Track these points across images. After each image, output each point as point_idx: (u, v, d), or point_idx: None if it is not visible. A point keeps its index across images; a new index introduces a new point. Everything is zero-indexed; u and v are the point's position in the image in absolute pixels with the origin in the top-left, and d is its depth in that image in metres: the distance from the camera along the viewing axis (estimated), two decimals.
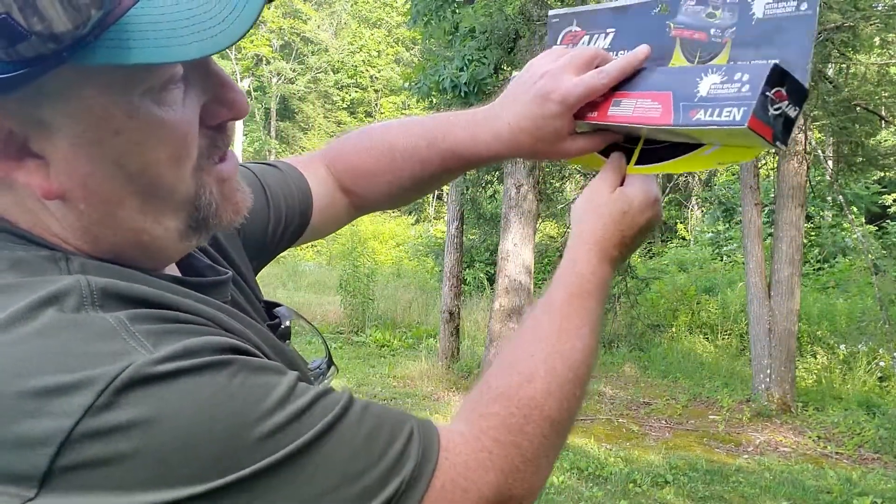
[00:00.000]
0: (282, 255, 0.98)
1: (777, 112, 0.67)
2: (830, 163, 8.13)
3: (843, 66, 7.04)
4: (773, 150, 0.78)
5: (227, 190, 0.59)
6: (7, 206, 0.54)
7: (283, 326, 0.75)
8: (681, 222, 15.56)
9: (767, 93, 0.66)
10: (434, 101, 7.28)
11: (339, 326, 9.87)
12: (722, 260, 12.70)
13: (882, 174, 11.06)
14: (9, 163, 0.51)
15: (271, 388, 0.50)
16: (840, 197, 7.47)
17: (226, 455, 0.46)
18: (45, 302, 0.47)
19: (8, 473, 0.44)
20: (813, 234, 12.12)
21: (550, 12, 0.91)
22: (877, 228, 12.43)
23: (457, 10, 6.94)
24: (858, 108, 6.45)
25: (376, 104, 27.28)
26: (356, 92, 27.55)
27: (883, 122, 7.09)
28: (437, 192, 17.24)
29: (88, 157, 0.51)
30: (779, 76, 0.66)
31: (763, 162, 8.27)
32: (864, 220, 12.56)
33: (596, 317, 0.71)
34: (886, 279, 8.61)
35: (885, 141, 11.95)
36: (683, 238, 15.23)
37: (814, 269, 11.34)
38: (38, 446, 0.43)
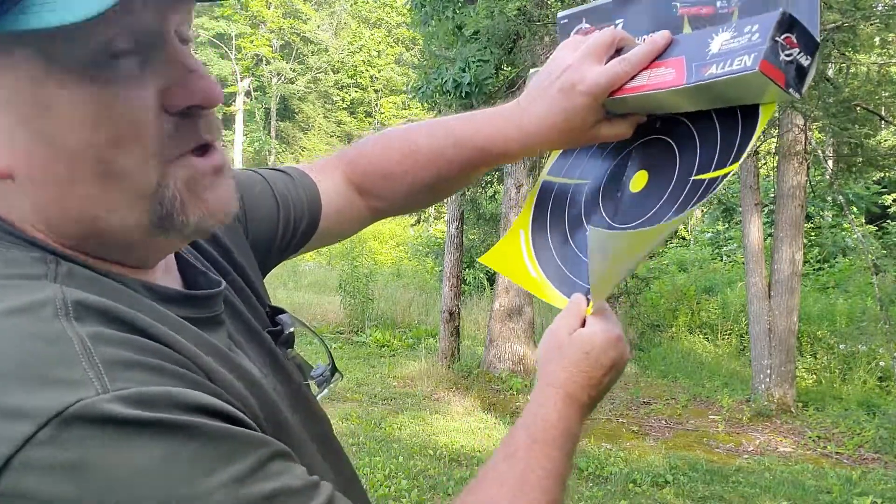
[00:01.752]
0: None
1: (788, 58, 0.67)
2: (830, 163, 8.12)
3: (844, 66, 7.04)
4: (790, 100, 0.78)
5: (198, 188, 0.54)
6: None
7: (285, 333, 0.73)
8: None
9: (777, 38, 0.66)
10: (436, 102, 7.28)
11: (338, 326, 9.87)
12: (722, 260, 12.71)
13: (882, 174, 11.06)
14: None
15: (227, 462, 0.45)
16: (840, 197, 7.47)
17: None
18: (19, 310, 0.46)
19: None
20: (813, 234, 12.12)
21: (559, 14, 0.91)
22: (877, 228, 12.43)
23: (458, 11, 6.94)
24: (858, 109, 6.45)
25: (376, 104, 27.27)
26: (356, 92, 27.55)
27: (883, 122, 7.09)
28: None
29: (26, 132, 0.49)
30: (788, 23, 0.66)
31: (763, 162, 8.26)
32: (864, 220, 12.56)
33: (562, 467, 0.67)
34: (886, 279, 8.61)
35: (885, 141, 11.95)
36: (683, 238, 15.23)
37: (814, 269, 11.34)
38: None
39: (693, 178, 0.74)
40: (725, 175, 0.71)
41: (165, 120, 0.52)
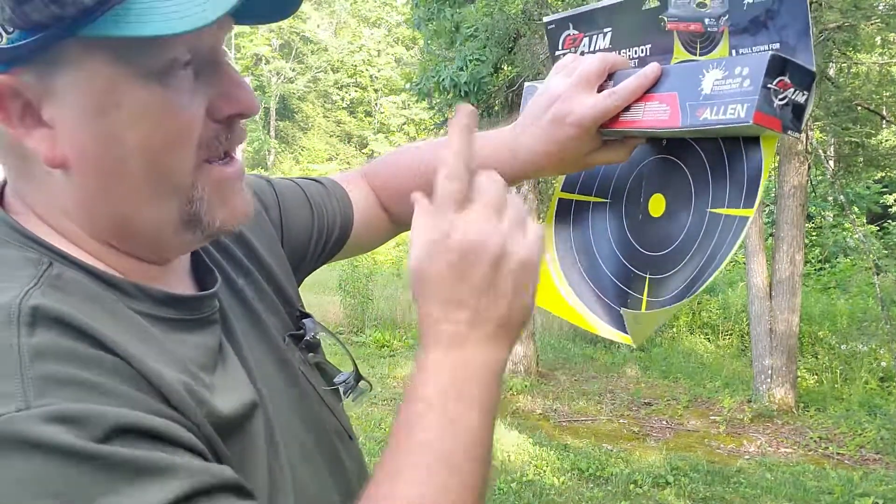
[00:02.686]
0: None
1: (783, 102, 0.65)
2: (831, 162, 8.12)
3: (844, 65, 7.03)
4: (793, 137, 0.78)
5: (225, 192, 0.60)
6: (25, 180, 0.57)
7: (307, 338, 0.75)
8: None
9: (769, 85, 0.64)
10: (435, 100, 7.28)
11: (338, 326, 9.86)
12: None
13: (883, 174, 11.06)
14: (23, 129, 0.53)
15: (128, 490, 0.44)
16: (841, 197, 7.46)
17: None
18: None
19: None
20: (814, 234, 12.11)
21: (546, 19, 0.90)
22: (878, 228, 12.42)
23: (458, 10, 6.93)
24: (859, 108, 6.44)
25: (376, 104, 27.28)
26: (356, 91, 27.56)
27: (884, 121, 7.08)
28: None
29: (90, 128, 0.53)
30: (779, 65, 0.65)
31: None
32: (865, 220, 12.56)
33: (442, 446, 0.51)
34: (888, 279, 8.60)
35: (886, 141, 11.95)
36: None
37: (815, 269, 11.33)
38: None
39: (710, 210, 0.73)
40: (746, 218, 0.68)
41: (206, 127, 0.57)
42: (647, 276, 0.77)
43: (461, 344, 0.54)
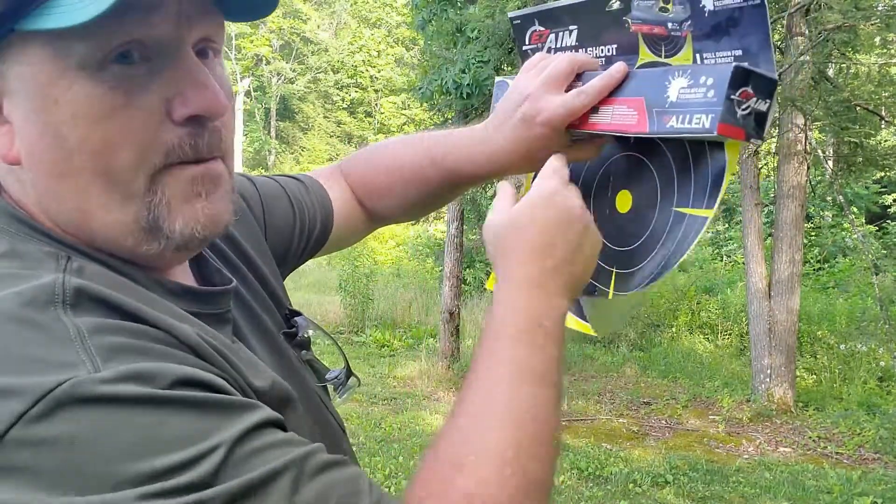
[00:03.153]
0: None
1: (746, 112, 0.67)
2: (830, 163, 8.12)
3: (844, 66, 7.03)
4: (754, 145, 0.79)
5: (190, 195, 0.55)
6: (5, 175, 0.56)
7: (299, 336, 0.74)
8: None
9: (733, 96, 0.66)
10: (436, 102, 7.28)
11: (339, 326, 9.87)
12: (722, 260, 12.70)
13: (882, 174, 11.06)
14: None
15: (219, 426, 0.46)
16: (840, 197, 7.46)
17: (109, 474, 0.43)
18: (17, 296, 0.48)
19: None
20: (813, 234, 12.11)
21: (510, 14, 0.91)
22: (877, 228, 12.43)
23: (459, 12, 6.94)
24: (859, 108, 6.44)
25: (376, 104, 27.27)
26: (356, 92, 27.54)
27: (883, 122, 7.09)
28: None
29: (35, 124, 0.52)
30: (742, 76, 0.66)
31: (763, 162, 8.26)
32: (864, 220, 12.56)
33: (533, 360, 0.59)
34: (887, 279, 8.61)
35: (886, 141, 11.95)
36: None
37: (814, 269, 11.33)
38: None
39: (674, 209, 0.74)
40: (706, 218, 0.71)
41: (167, 129, 0.53)
42: (614, 269, 0.79)
43: (541, 285, 0.63)
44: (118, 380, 0.45)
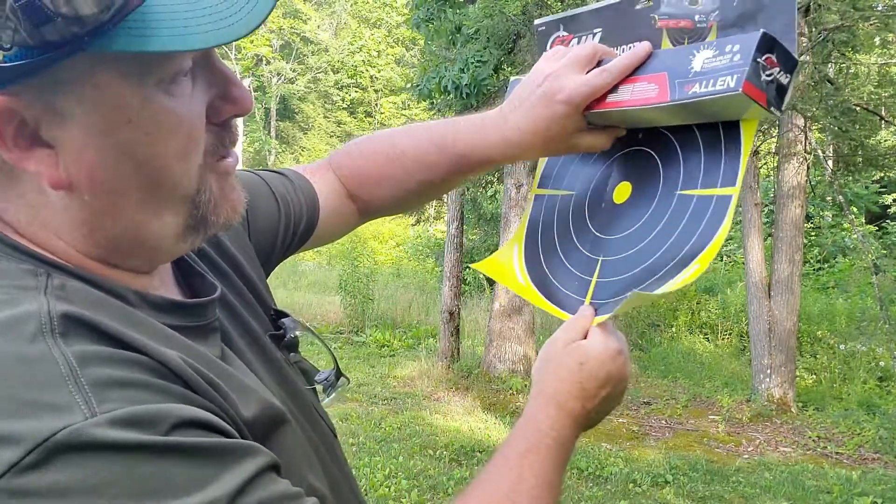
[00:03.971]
0: None
1: (769, 78, 0.68)
2: (830, 163, 8.13)
3: (843, 66, 7.04)
4: (771, 118, 0.79)
5: (227, 187, 0.59)
6: (9, 200, 0.53)
7: (288, 337, 0.74)
8: None
9: (759, 59, 0.67)
10: (435, 102, 7.29)
11: (339, 326, 9.87)
12: (722, 260, 12.70)
13: (882, 174, 11.06)
14: (19, 152, 0.50)
15: (219, 475, 0.46)
16: (840, 197, 7.47)
17: None
18: (2, 327, 0.46)
19: None
20: (813, 233, 12.12)
21: (536, 21, 0.92)
22: (877, 228, 12.44)
23: (458, 12, 6.94)
24: (858, 109, 6.45)
25: (376, 104, 27.27)
26: (356, 92, 27.55)
27: (883, 122, 7.09)
28: None
29: (99, 145, 0.51)
30: (768, 43, 0.68)
31: (763, 162, 8.27)
32: (864, 220, 12.57)
33: (554, 476, 0.70)
34: (886, 279, 8.61)
35: (885, 141, 11.96)
36: None
37: (814, 269, 11.34)
38: None
39: (679, 192, 0.74)
40: (729, 196, 0.71)
41: (208, 129, 0.56)
42: (600, 258, 0.79)
43: (569, 416, 0.73)
44: (117, 425, 0.44)
